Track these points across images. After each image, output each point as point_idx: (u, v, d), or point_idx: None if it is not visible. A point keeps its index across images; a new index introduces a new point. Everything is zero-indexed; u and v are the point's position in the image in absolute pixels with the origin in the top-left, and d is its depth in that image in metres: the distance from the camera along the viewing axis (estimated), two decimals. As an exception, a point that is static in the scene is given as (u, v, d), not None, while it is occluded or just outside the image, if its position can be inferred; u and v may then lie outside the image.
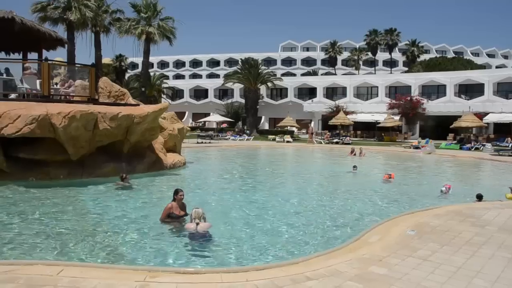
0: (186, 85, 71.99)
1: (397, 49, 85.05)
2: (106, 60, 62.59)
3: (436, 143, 37.71)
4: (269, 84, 57.19)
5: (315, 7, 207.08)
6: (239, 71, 58.44)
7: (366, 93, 58.33)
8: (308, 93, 62.51)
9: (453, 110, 47.44)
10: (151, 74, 59.87)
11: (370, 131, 52.70)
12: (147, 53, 46.63)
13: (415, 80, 53.91)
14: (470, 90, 51.00)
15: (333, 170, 22.91)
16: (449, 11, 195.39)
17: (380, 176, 18.32)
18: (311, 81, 63.70)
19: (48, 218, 9.75)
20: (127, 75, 72.29)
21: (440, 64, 71.00)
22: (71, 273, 5.77)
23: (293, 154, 33.32)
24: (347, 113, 51.21)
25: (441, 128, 47.75)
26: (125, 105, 17.85)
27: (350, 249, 7.09)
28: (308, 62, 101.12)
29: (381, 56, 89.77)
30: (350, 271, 5.97)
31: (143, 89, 47.37)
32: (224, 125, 57.19)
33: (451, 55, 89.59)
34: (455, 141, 40.61)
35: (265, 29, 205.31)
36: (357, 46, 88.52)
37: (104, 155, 16.01)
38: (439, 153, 32.20)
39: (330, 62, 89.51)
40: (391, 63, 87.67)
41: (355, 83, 58.24)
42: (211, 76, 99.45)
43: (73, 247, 7.67)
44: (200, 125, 61.60)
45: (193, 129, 57.25)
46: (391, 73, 79.62)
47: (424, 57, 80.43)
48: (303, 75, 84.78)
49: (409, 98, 50.64)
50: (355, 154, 28.48)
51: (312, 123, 58.41)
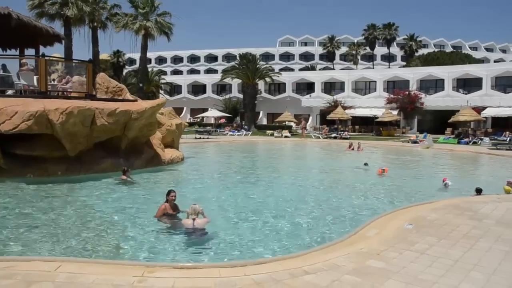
0: (184, 80, 71.85)
1: (395, 43, 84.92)
2: (103, 56, 62.49)
3: (434, 137, 37.73)
4: (267, 79, 57.13)
5: (313, 2, 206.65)
6: (237, 66, 58.36)
7: (364, 87, 58.30)
8: (306, 88, 62.45)
9: (451, 104, 47.52)
10: (149, 69, 59.77)
11: (368, 125, 52.76)
12: (144, 49, 46.53)
13: (413, 75, 53.90)
14: (468, 85, 50.99)
15: (331, 165, 22.92)
16: (447, 5, 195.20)
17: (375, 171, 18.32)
18: (309, 76, 63.61)
19: (46, 214, 9.74)
20: (124, 71, 72.20)
21: (438, 58, 70.94)
22: (68, 268, 5.77)
23: (291, 149, 33.32)
24: (345, 108, 51.21)
25: (439, 123, 47.83)
26: (123, 100, 17.83)
27: (348, 243, 7.10)
28: (306, 57, 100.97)
29: (379, 50, 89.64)
30: (348, 265, 5.97)
31: (141, 85, 47.28)
32: (222, 121, 57.11)
33: (449, 49, 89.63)
34: (453, 136, 40.68)
35: (263, 24, 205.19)
36: (355, 41, 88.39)
37: (102, 151, 15.98)
38: (437, 147, 32.24)
39: (328, 57, 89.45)
40: (389, 58, 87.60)
41: (353, 78, 58.19)
42: (209, 71, 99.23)
43: (71, 243, 7.67)
44: (198, 120, 61.58)
45: (191, 124, 57.28)
46: (389, 67, 79.62)
47: (422, 51, 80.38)
48: (301, 70, 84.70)
49: (407, 92, 50.68)
50: (353, 149, 28.51)
51: (310, 118, 58.47)
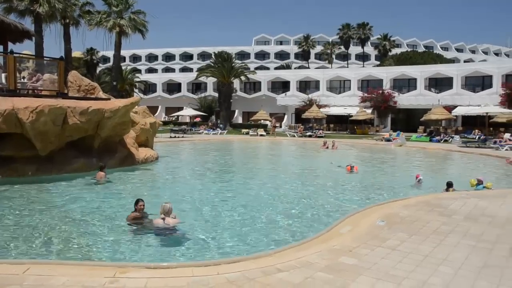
0: (158, 79, 71.16)
1: (369, 43, 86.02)
2: (76, 53, 61.40)
3: (407, 135, 38.34)
4: (243, 78, 57.03)
5: (288, 1, 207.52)
6: (212, 64, 58.08)
7: (338, 86, 58.84)
8: (282, 86, 62.64)
9: (423, 103, 48.35)
10: (123, 68, 58.98)
11: (342, 124, 53.30)
12: (118, 47, 45.88)
13: (387, 74, 54.66)
14: (440, 84, 52.02)
15: (306, 163, 23.08)
16: (419, 6, 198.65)
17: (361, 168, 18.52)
18: (284, 74, 63.80)
19: (14, 215, 9.53)
20: (98, 69, 71.11)
21: (411, 58, 72.13)
22: (37, 271, 5.65)
23: (267, 148, 33.40)
24: (320, 106, 51.56)
25: (412, 121, 48.65)
26: (96, 99, 17.55)
27: (322, 240, 7.16)
28: (281, 55, 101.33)
29: (354, 50, 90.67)
30: (320, 262, 6.02)
31: (114, 83, 46.59)
32: (198, 119, 56.78)
33: (421, 49, 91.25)
34: (425, 134, 41.39)
35: (238, 22, 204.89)
36: (330, 40, 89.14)
37: (74, 150, 15.73)
38: (409, 145, 32.79)
39: (304, 55, 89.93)
40: (363, 57, 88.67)
41: (328, 77, 58.65)
42: (184, 70, 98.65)
43: (40, 245, 7.53)
44: (173, 119, 61.08)
45: (166, 123, 56.75)
46: (363, 66, 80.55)
47: (396, 51, 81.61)
48: (276, 68, 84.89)
49: (380, 91, 51.40)
50: (327, 147, 28.75)
51: (286, 117, 58.71)
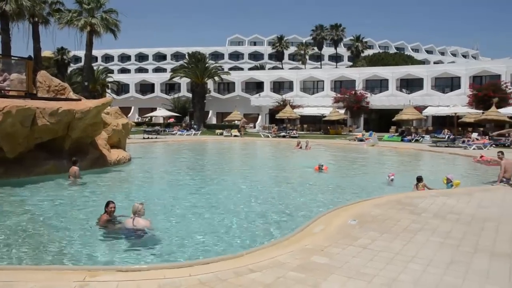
0: (131, 79, 70.30)
1: (342, 44, 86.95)
2: (46, 53, 60.01)
3: (379, 135, 38.99)
4: (216, 78, 56.90)
5: (262, 1, 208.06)
6: (186, 65, 57.73)
7: (312, 87, 59.33)
8: (256, 87, 62.76)
9: (395, 103, 49.20)
10: (95, 68, 58.03)
11: (316, 124, 53.82)
12: (90, 46, 45.06)
13: (359, 75, 55.41)
14: (411, 85, 53.07)
15: (279, 163, 23.20)
16: (391, 8, 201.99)
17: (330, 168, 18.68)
18: (258, 75, 63.95)
19: (-19, 219, 9.26)
20: (69, 69, 69.76)
21: (383, 59, 73.32)
22: (3, 277, 5.50)
23: (240, 148, 33.40)
24: (293, 107, 51.92)
25: (384, 121, 49.41)
26: (66, 100, 17.21)
27: (294, 240, 7.19)
28: (255, 56, 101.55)
29: (327, 51, 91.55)
30: (292, 262, 6.06)
31: (86, 83, 45.77)
32: (171, 120, 56.40)
33: (393, 50, 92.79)
34: (397, 133, 42.15)
35: (212, 23, 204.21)
36: (304, 41, 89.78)
37: (44, 152, 15.40)
38: (382, 145, 33.32)
39: (277, 56, 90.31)
40: (336, 58, 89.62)
41: (302, 78, 59.08)
42: (157, 70, 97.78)
43: (6, 250, 7.33)
44: (147, 120, 60.51)
45: (139, 124, 56.19)
46: (336, 67, 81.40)
47: (368, 52, 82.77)
48: (250, 69, 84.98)
49: (353, 92, 52.09)
50: (301, 147, 28.94)
51: (260, 117, 58.82)
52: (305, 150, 28.26)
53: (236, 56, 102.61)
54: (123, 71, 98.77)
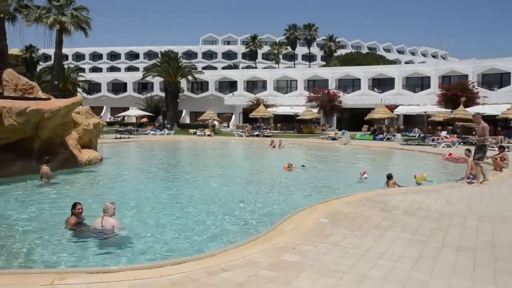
0: (103, 78, 69.27)
1: (315, 44, 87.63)
2: (14, 51, 58.47)
3: (352, 134, 39.44)
4: (190, 78, 56.53)
5: (235, 1, 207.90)
6: (159, 64, 57.11)
7: (285, 86, 59.62)
8: (229, 86, 62.69)
9: (367, 102, 49.87)
10: (66, 66, 56.90)
11: (289, 123, 54.11)
12: (59, 44, 44.15)
13: (332, 74, 55.95)
14: (382, 84, 53.89)
15: (253, 162, 23.24)
16: (363, 8, 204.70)
17: (298, 166, 18.79)
18: (232, 74, 63.88)
19: None
20: (38, 68, 68.24)
21: (355, 59, 74.27)
22: (-33, 280, 5.35)
23: (214, 148, 33.30)
24: (267, 106, 52.09)
25: (356, 120, 50.00)
26: (34, 99, 16.80)
27: (266, 238, 7.21)
28: (229, 55, 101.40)
29: (300, 50, 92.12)
30: (264, 260, 6.07)
31: (56, 82, 44.82)
32: (144, 120, 55.81)
33: (365, 50, 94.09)
34: (369, 132, 42.76)
35: (185, 22, 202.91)
36: (277, 41, 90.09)
37: (12, 152, 15.00)
38: (354, 143, 33.73)
39: (251, 55, 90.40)
40: (309, 57, 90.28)
41: (275, 77, 59.29)
42: (130, 69, 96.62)
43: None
44: (119, 119, 59.71)
45: (111, 124, 55.38)
46: (309, 67, 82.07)
47: (341, 52, 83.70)
48: (224, 68, 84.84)
49: (326, 91, 52.57)
50: (274, 146, 29.05)
51: (233, 116, 58.75)
52: (279, 149, 28.39)
53: (209, 55, 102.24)
54: (95, 70, 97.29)
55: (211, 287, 5.21)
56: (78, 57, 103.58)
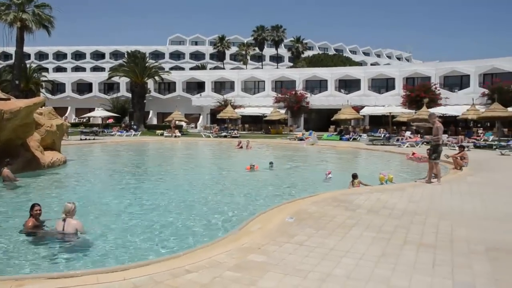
0: (68, 78, 67.63)
1: (283, 45, 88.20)
2: (-29, 49, 56.47)
3: (319, 134, 39.88)
4: (157, 78, 55.87)
5: (203, 1, 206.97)
6: (125, 64, 56.13)
7: (253, 87, 59.75)
8: (197, 87, 62.34)
9: (333, 103, 50.51)
10: (28, 66, 55.32)
11: (257, 124, 54.28)
12: (21, 43, 42.85)
13: (300, 75, 56.43)
14: (349, 85, 54.74)
15: (220, 163, 23.19)
16: (330, 11, 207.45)
17: (265, 167, 18.86)
18: (199, 75, 63.57)
19: None
20: (-2, 67, 66.08)
21: (322, 60, 75.11)
22: None
23: (181, 149, 33.07)
24: (235, 107, 52.05)
25: (323, 121, 50.63)
26: (-7, 99, 16.28)
27: (232, 239, 7.21)
28: (196, 56, 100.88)
29: (268, 51, 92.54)
30: (229, 261, 6.07)
31: (17, 82, 43.48)
32: (110, 121, 54.80)
33: (332, 52, 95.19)
34: (335, 133, 43.32)
35: (152, 22, 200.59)
36: (245, 41, 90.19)
37: (-31, 155, 14.51)
38: (321, 144, 34.10)
39: (219, 56, 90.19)
40: (277, 59, 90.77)
41: (243, 78, 59.34)
42: (95, 69, 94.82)
43: None
44: (84, 121, 58.48)
45: (76, 125, 54.20)
46: (277, 68, 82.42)
47: (308, 53, 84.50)
48: (191, 69, 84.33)
49: (294, 92, 52.98)
50: (241, 147, 29.07)
51: (201, 117, 58.48)
52: (246, 150, 28.42)
53: (177, 55, 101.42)
54: (59, 69, 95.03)
55: (175, 289, 5.17)
56: (41, 56, 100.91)
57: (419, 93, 45.08)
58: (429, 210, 9.40)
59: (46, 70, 73.30)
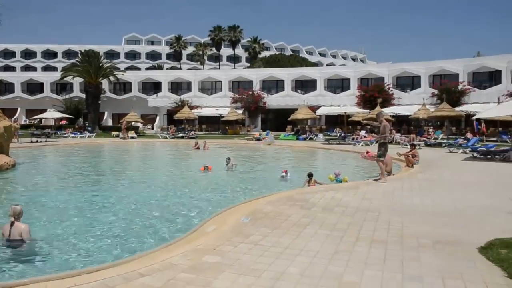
0: (17, 78, 65.01)
1: (240, 45, 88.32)
2: None
3: (276, 134, 40.20)
4: (112, 78, 54.64)
5: (159, 0, 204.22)
6: (78, 64, 54.57)
7: (210, 87, 59.55)
8: (153, 87, 61.47)
9: (290, 103, 51.01)
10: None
11: (214, 124, 54.13)
12: (-36, 41, 40.96)
13: (257, 76, 56.69)
14: (305, 85, 55.48)
15: (176, 165, 22.96)
16: (287, 12, 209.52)
17: (223, 167, 18.82)
18: (155, 75, 62.75)
19: None
20: None
21: (279, 60, 75.76)
22: None
23: (137, 150, 32.54)
24: (192, 107, 51.68)
25: (280, 121, 51.03)
26: None
27: (187, 241, 7.14)
28: (153, 56, 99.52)
29: (225, 51, 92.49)
30: (184, 263, 6.01)
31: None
32: (63, 122, 53.15)
33: (288, 52, 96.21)
34: (292, 132, 43.79)
35: (107, 20, 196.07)
36: (202, 42, 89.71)
37: None
38: (278, 143, 34.39)
39: (175, 56, 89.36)
40: (234, 59, 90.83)
41: (200, 78, 59.04)
42: (47, 68, 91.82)
43: None
44: (35, 122, 56.42)
45: (27, 127, 52.31)
46: (234, 68, 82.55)
47: (265, 54, 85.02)
48: (147, 69, 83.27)
49: (251, 92, 53.18)
50: (198, 148, 28.91)
51: (157, 118, 57.72)
52: (203, 150, 28.28)
53: (132, 55, 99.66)
54: (7, 68, 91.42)
55: (127, 293, 5.08)
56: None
57: (373, 93, 46.31)
58: (382, 207, 9.65)
59: (-7, 69, 70.39)
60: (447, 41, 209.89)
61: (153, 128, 56.55)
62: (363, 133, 38.11)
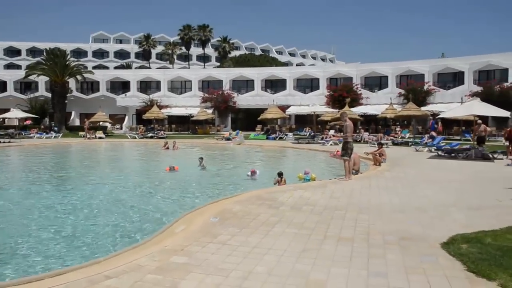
0: (-23, 76, 62.92)
1: (210, 45, 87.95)
2: None
3: (246, 134, 40.25)
4: (79, 77, 53.55)
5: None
6: (43, 62, 53.16)
7: (180, 87, 59.11)
8: (122, 87, 60.56)
9: (260, 103, 51.20)
10: None
11: (184, 124, 53.86)
12: None
13: (226, 75, 56.62)
14: (275, 85, 55.77)
15: (145, 165, 22.71)
16: (257, 12, 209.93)
17: (193, 167, 18.73)
18: (124, 74, 61.88)
19: None
20: None
21: (249, 60, 75.95)
22: None
23: (105, 151, 32.02)
24: (161, 107, 51.25)
25: (250, 120, 51.12)
26: None
27: (154, 242, 7.07)
28: (121, 55, 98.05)
29: (195, 51, 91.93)
30: (151, 264, 5.95)
31: None
32: (28, 122, 51.75)
33: (258, 52, 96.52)
34: (262, 132, 43.94)
35: (74, 17, 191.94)
36: (171, 41, 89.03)
37: None
38: (248, 143, 34.43)
39: (144, 55, 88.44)
40: (204, 58, 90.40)
41: (169, 77, 58.53)
42: (10, 66, 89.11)
43: None
44: (-2, 123, 54.75)
45: (-12, 127, 50.67)
46: (204, 67, 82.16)
47: (235, 53, 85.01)
48: (116, 68, 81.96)
49: (221, 92, 53.08)
50: (168, 148, 28.67)
51: (126, 118, 56.90)
52: (173, 150, 28.06)
53: (100, 54, 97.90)
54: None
55: (92, 296, 4.99)
56: None
57: (341, 93, 46.95)
58: (349, 205, 9.78)
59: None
60: (414, 41, 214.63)
61: (121, 128, 55.73)
62: (332, 132, 38.54)
